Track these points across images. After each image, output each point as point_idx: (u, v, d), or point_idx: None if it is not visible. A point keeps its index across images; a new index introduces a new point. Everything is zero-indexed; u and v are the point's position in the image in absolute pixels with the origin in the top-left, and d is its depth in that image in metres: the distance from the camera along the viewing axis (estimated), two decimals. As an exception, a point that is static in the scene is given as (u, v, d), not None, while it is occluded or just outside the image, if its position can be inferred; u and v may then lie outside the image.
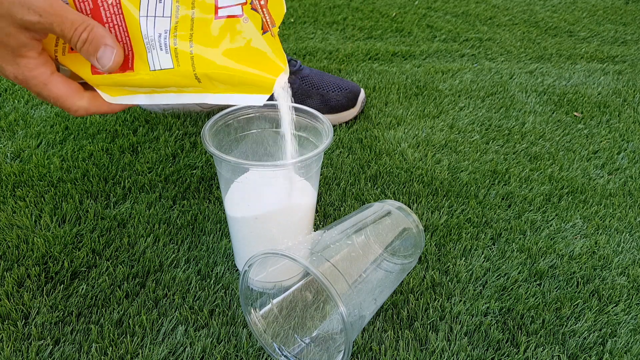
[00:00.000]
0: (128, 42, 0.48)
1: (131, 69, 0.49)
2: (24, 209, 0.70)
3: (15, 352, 0.52)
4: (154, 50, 0.48)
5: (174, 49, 0.48)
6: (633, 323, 0.57)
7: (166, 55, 0.48)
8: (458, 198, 0.75)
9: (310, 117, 0.59)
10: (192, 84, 0.50)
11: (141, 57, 0.49)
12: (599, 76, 1.13)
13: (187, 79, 0.50)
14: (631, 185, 0.79)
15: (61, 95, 0.48)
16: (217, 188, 0.75)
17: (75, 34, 0.45)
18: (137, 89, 0.51)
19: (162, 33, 0.48)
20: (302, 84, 0.90)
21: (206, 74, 0.49)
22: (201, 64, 0.49)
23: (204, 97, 0.51)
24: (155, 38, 0.48)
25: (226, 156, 0.52)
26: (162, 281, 0.60)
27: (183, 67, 0.49)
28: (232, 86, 0.51)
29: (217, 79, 0.50)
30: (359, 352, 0.54)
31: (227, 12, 0.49)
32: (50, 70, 0.48)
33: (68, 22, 0.45)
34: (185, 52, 0.48)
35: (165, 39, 0.48)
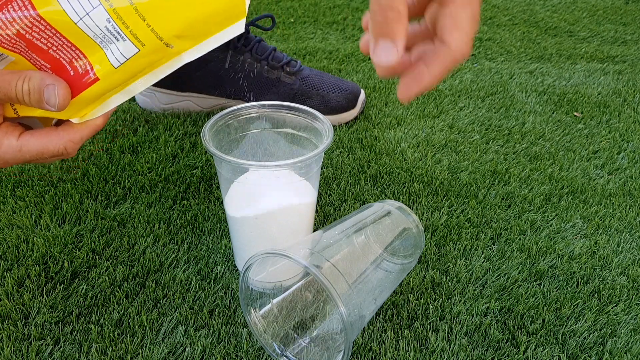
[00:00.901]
0: (80, 54, 0.45)
1: (95, 80, 0.46)
2: (24, 209, 0.70)
3: (15, 352, 0.52)
4: (112, 45, 0.45)
5: (128, 31, 0.44)
6: (633, 323, 0.57)
7: (125, 42, 0.45)
8: (458, 198, 0.75)
9: (310, 117, 0.59)
10: (164, 54, 0.47)
11: (101, 61, 0.45)
12: (599, 76, 1.13)
13: (158, 52, 0.46)
14: (631, 185, 0.79)
15: (40, 149, 0.46)
16: (217, 188, 0.75)
17: (18, 90, 0.43)
18: (111, 93, 0.48)
19: (106, 24, 0.44)
20: (302, 85, 0.90)
21: (175, 35, 0.45)
22: (164, 29, 0.45)
23: (180, 59, 0.48)
24: (104, 32, 0.44)
25: (226, 156, 0.52)
26: (162, 281, 0.60)
27: (149, 44, 0.45)
28: (204, 33, 0.47)
29: (187, 33, 0.46)
30: (359, 352, 0.54)
31: None
32: (15, 136, 0.46)
33: (5, 83, 0.43)
34: (142, 27, 0.44)
35: (114, 27, 0.44)
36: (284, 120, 0.61)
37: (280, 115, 0.60)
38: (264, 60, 0.89)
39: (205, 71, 0.90)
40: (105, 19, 0.43)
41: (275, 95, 0.90)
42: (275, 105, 0.60)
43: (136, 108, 0.94)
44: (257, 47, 0.90)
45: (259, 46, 0.90)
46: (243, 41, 0.89)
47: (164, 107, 0.93)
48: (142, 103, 0.94)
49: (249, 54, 0.89)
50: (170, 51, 0.47)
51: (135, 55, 0.45)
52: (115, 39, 0.44)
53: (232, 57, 0.89)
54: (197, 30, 0.46)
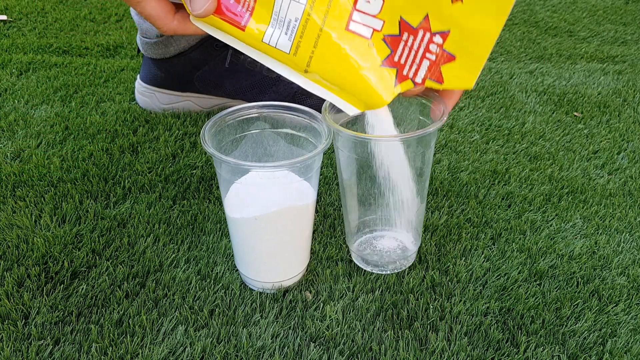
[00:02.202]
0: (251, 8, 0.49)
1: (241, 28, 0.50)
2: (24, 209, 0.70)
3: (15, 352, 0.52)
4: (277, 30, 0.49)
5: (297, 41, 0.49)
6: (633, 323, 0.57)
7: (288, 41, 0.49)
8: (458, 198, 0.75)
9: (309, 117, 0.59)
10: (296, 69, 0.52)
11: (259, 28, 0.49)
12: (599, 76, 1.13)
13: (295, 66, 0.51)
14: (631, 185, 0.79)
15: (153, 15, 0.50)
16: (217, 188, 0.75)
17: None
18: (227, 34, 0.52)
19: (292, 18, 0.49)
20: (302, 84, 0.90)
21: (316, 73, 0.51)
22: (317, 65, 0.50)
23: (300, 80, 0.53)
24: (285, 21, 0.49)
25: (226, 157, 0.52)
26: (162, 281, 0.60)
27: (298, 59, 0.50)
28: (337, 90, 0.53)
29: (327, 80, 0.52)
30: (359, 352, 0.54)
31: (357, 29, 0.51)
32: None
33: None
34: (307, 50, 0.50)
35: (294, 28, 0.49)
36: (283, 121, 0.61)
37: (279, 116, 0.60)
38: (264, 60, 0.89)
39: (205, 71, 0.90)
40: (295, 15, 0.49)
41: (275, 94, 0.90)
42: (274, 105, 0.60)
43: (136, 108, 0.94)
44: (257, 47, 0.90)
45: (259, 46, 0.90)
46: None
47: (164, 107, 0.93)
48: (142, 103, 0.94)
49: (249, 54, 0.89)
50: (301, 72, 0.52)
51: (281, 52, 0.51)
52: (284, 31, 0.49)
53: (232, 57, 0.89)
54: (335, 84, 0.52)
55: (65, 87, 1.00)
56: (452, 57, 0.51)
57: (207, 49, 0.89)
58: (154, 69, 0.91)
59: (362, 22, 0.51)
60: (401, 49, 0.51)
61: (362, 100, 0.53)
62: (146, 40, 0.88)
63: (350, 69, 0.51)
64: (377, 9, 0.50)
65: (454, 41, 0.50)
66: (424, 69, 0.52)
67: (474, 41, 0.50)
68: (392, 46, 0.51)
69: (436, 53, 0.51)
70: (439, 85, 0.52)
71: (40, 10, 1.36)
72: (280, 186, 0.55)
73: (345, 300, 0.59)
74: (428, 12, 0.50)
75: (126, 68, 1.08)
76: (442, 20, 0.50)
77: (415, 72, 0.52)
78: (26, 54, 1.13)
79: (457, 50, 0.51)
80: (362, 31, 0.51)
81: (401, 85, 0.53)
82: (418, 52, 0.51)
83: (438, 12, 0.49)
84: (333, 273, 0.62)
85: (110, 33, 1.25)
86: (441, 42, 0.50)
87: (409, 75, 0.52)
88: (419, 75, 0.52)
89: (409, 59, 0.52)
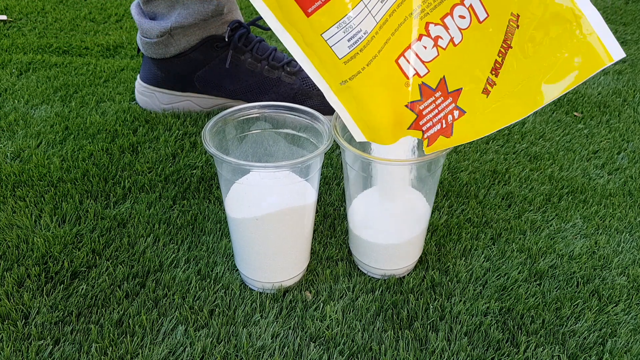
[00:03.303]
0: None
1: (306, 13, 0.50)
2: (24, 209, 0.70)
3: (15, 352, 0.52)
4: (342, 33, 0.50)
5: (356, 52, 0.51)
6: (633, 323, 0.57)
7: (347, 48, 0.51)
8: (458, 198, 0.75)
9: (310, 117, 0.59)
10: (331, 77, 0.53)
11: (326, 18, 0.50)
12: (599, 76, 1.13)
13: (334, 73, 0.52)
14: (631, 185, 0.79)
15: None
16: (217, 188, 0.75)
17: None
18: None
19: (361, 31, 0.50)
20: (302, 85, 0.90)
21: (355, 88, 0.52)
22: (361, 82, 0.52)
23: (324, 87, 0.54)
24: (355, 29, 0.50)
25: (226, 157, 0.52)
26: (162, 281, 0.60)
27: (346, 68, 0.51)
28: (353, 109, 0.54)
29: (358, 97, 0.53)
30: (359, 352, 0.54)
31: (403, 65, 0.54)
32: None
33: None
34: (360, 64, 0.51)
35: (359, 39, 0.51)
36: (284, 121, 0.61)
37: (280, 116, 0.60)
38: (265, 60, 0.89)
39: (206, 71, 0.90)
40: (366, 28, 0.50)
41: (276, 95, 0.90)
42: (275, 105, 0.60)
43: (136, 108, 0.94)
44: (257, 47, 0.90)
45: (260, 46, 0.90)
46: (244, 41, 0.89)
47: (164, 107, 0.93)
48: (142, 103, 0.94)
49: (250, 54, 0.89)
50: (339, 80, 0.53)
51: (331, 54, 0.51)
52: (348, 37, 0.50)
53: (233, 57, 0.89)
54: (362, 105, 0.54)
55: (65, 87, 1.00)
56: (450, 134, 0.54)
57: (207, 50, 0.89)
58: (154, 68, 0.91)
59: (411, 61, 0.53)
60: (429, 102, 0.54)
61: (373, 130, 0.55)
62: (146, 40, 0.88)
63: (385, 95, 0.54)
64: (429, 58, 0.53)
65: (461, 122, 0.53)
66: (434, 130, 0.54)
67: (472, 127, 0.53)
68: (423, 95, 0.54)
69: (448, 123, 0.53)
70: (425, 146, 0.55)
71: (40, 10, 1.36)
72: (281, 187, 0.55)
73: (345, 300, 0.59)
74: (464, 86, 0.52)
75: (126, 68, 1.08)
76: (468, 100, 0.52)
77: (428, 129, 0.55)
78: (26, 54, 1.13)
79: (457, 130, 0.53)
80: (406, 69, 0.54)
81: (413, 132, 0.55)
82: (440, 113, 0.54)
83: (470, 92, 0.52)
84: (333, 273, 0.62)
85: (110, 33, 1.25)
86: (457, 117, 0.53)
87: (422, 128, 0.55)
88: (428, 132, 0.55)
89: (430, 114, 0.54)
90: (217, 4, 0.86)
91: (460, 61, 0.52)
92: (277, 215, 0.55)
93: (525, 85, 0.49)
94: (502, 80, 0.50)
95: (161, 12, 0.88)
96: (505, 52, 0.50)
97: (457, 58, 0.52)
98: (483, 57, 0.51)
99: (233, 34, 0.88)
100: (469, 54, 0.52)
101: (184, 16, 0.86)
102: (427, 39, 0.53)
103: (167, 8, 0.87)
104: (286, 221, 0.56)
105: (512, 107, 0.50)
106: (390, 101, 0.54)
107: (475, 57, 0.51)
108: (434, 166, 0.57)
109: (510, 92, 0.50)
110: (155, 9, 0.88)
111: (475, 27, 0.51)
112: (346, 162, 0.58)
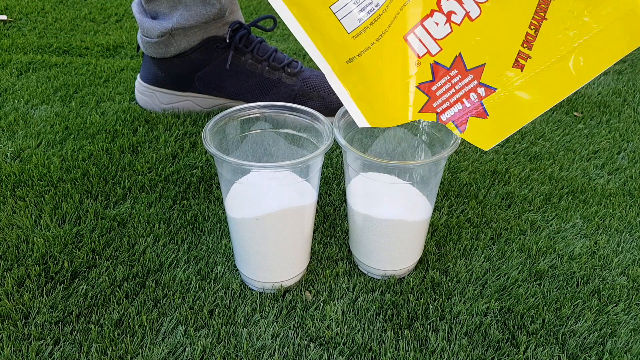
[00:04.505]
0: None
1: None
2: (24, 209, 0.70)
3: (15, 352, 0.52)
4: (353, 4, 0.49)
5: (365, 26, 0.49)
6: (633, 323, 0.57)
7: (357, 21, 0.50)
8: (458, 198, 0.75)
9: (310, 117, 0.59)
10: (337, 56, 0.51)
11: None
12: (599, 76, 1.13)
13: (342, 51, 0.50)
14: (631, 185, 0.79)
15: None
16: (217, 188, 0.75)
17: None
18: None
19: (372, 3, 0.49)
20: (303, 86, 0.90)
21: (364, 65, 0.50)
22: (369, 58, 0.50)
23: (327, 69, 0.52)
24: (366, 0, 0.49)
25: (227, 157, 0.52)
26: (162, 281, 0.60)
27: (355, 43, 0.50)
28: (359, 90, 0.52)
29: (365, 75, 0.50)
30: (359, 352, 0.54)
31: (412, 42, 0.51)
32: None
33: None
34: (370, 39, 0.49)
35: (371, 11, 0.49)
36: (284, 121, 0.61)
37: (280, 116, 0.60)
38: (265, 61, 0.89)
39: (206, 71, 0.90)
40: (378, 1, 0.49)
41: (276, 96, 0.90)
42: (275, 105, 0.60)
43: (136, 108, 0.94)
44: (258, 48, 0.90)
45: (260, 47, 0.90)
46: (244, 42, 0.89)
47: (164, 107, 0.93)
48: (142, 103, 0.94)
49: (250, 55, 0.89)
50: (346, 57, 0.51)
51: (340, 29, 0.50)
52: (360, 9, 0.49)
53: (234, 58, 0.89)
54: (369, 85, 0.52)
55: (65, 87, 1.00)
56: (485, 114, 0.50)
57: (208, 50, 0.88)
58: (155, 68, 0.91)
59: (421, 38, 0.51)
60: (443, 82, 0.51)
61: (378, 113, 0.52)
62: (147, 40, 0.88)
63: (393, 75, 0.51)
64: (442, 35, 0.50)
65: (495, 100, 0.50)
66: (453, 111, 0.51)
67: (514, 110, 0.49)
68: (435, 75, 0.51)
69: (473, 102, 0.50)
70: (458, 132, 0.52)
71: (40, 10, 1.36)
72: (282, 187, 0.55)
73: (345, 300, 0.59)
74: (487, 62, 0.50)
75: (126, 68, 1.08)
76: (495, 76, 0.49)
77: (444, 110, 0.52)
78: (26, 54, 1.13)
79: (493, 110, 0.50)
80: (416, 46, 0.51)
81: (425, 114, 0.52)
82: (457, 93, 0.51)
83: (496, 67, 0.49)
84: (333, 273, 0.62)
85: (110, 33, 1.25)
86: (484, 95, 0.50)
87: (437, 110, 0.52)
88: (446, 114, 0.52)
89: (445, 95, 0.51)
90: (220, 7, 0.86)
91: (480, 36, 0.49)
92: (277, 215, 0.55)
93: (566, 58, 0.47)
94: (537, 53, 0.48)
95: (163, 11, 0.88)
96: (539, 23, 0.47)
97: (475, 33, 0.50)
98: (509, 31, 0.48)
99: (234, 35, 0.88)
100: (490, 28, 0.49)
101: (186, 18, 0.86)
102: (439, 14, 0.50)
103: (169, 8, 0.87)
104: (286, 221, 0.56)
105: (558, 80, 0.47)
106: (400, 81, 0.51)
107: (499, 31, 0.49)
108: (435, 167, 0.57)
109: (550, 65, 0.47)
110: (157, 7, 0.88)
111: (496, 0, 0.48)
112: (347, 163, 0.58)
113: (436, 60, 0.51)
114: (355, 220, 0.60)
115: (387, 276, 0.61)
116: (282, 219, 0.56)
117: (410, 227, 0.59)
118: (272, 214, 0.55)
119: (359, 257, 0.62)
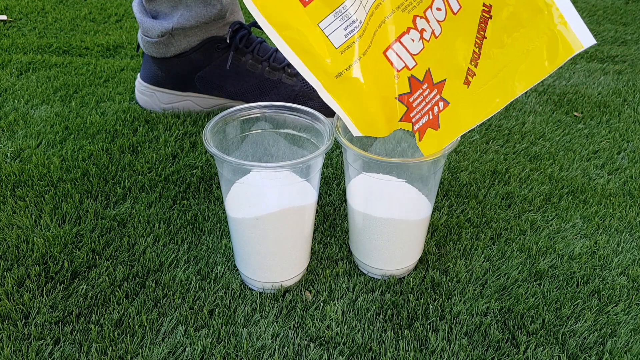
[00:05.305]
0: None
1: (303, 2, 0.52)
2: (24, 209, 0.70)
3: (15, 352, 0.52)
4: (339, 22, 0.52)
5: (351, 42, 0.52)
6: (633, 323, 0.57)
7: (343, 37, 0.53)
8: (458, 198, 0.75)
9: (310, 117, 0.59)
10: (326, 71, 0.54)
11: (324, 6, 0.52)
12: (599, 76, 1.13)
13: (331, 66, 0.53)
14: (631, 185, 0.79)
15: None
16: (217, 188, 0.75)
17: None
18: None
19: (356, 21, 0.52)
20: (303, 87, 0.90)
21: (352, 80, 0.54)
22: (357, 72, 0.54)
23: (317, 84, 0.55)
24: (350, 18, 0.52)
25: (227, 157, 0.52)
26: (162, 281, 0.60)
27: (342, 58, 0.53)
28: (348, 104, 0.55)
29: (353, 90, 0.54)
30: (359, 352, 0.54)
31: (391, 57, 0.55)
32: None
33: None
34: (355, 54, 0.53)
35: (355, 28, 0.52)
36: (284, 121, 0.61)
37: (281, 116, 0.60)
38: (265, 62, 0.89)
39: (206, 72, 0.90)
40: (360, 18, 0.52)
41: (276, 96, 0.90)
42: (276, 105, 0.60)
43: (136, 108, 0.94)
44: (258, 49, 0.90)
45: (261, 47, 0.90)
46: (245, 42, 0.89)
47: (164, 107, 0.93)
48: (142, 103, 0.94)
49: (251, 55, 0.89)
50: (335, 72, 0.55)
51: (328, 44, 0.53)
52: (344, 26, 0.53)
53: (234, 58, 0.89)
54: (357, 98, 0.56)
55: (65, 87, 1.00)
56: (437, 125, 0.54)
57: (208, 51, 0.88)
58: (155, 68, 0.91)
59: (399, 54, 0.55)
60: (417, 94, 0.55)
61: (368, 123, 0.56)
62: (147, 39, 0.88)
63: (379, 87, 0.55)
64: (417, 50, 0.54)
65: (446, 114, 0.53)
66: (422, 122, 0.55)
67: (453, 123, 0.53)
68: (413, 87, 0.55)
69: (434, 114, 0.54)
70: (418, 141, 0.56)
71: (40, 10, 1.36)
72: (282, 187, 0.55)
73: (345, 300, 0.59)
74: (447, 77, 0.53)
75: (126, 68, 1.08)
76: (451, 91, 0.53)
77: (417, 120, 0.56)
78: (26, 54, 1.13)
79: (443, 122, 0.53)
80: (395, 61, 0.55)
81: (404, 124, 0.57)
82: (427, 105, 0.54)
83: (452, 83, 0.53)
84: (333, 273, 0.62)
85: (110, 33, 1.25)
86: (442, 108, 0.54)
87: (412, 119, 0.56)
88: (418, 124, 0.56)
89: (419, 106, 0.55)
90: (221, 8, 0.86)
91: (442, 53, 0.53)
92: (277, 215, 0.55)
93: (502, 75, 0.49)
94: (481, 70, 0.50)
95: (163, 11, 0.88)
96: (481, 42, 0.50)
97: (438, 50, 0.53)
98: (462, 48, 0.51)
99: (234, 35, 0.88)
100: (448, 45, 0.52)
101: (186, 18, 0.86)
102: (414, 31, 0.54)
103: (170, 7, 0.87)
104: (286, 221, 0.56)
105: (491, 97, 0.50)
106: (383, 93, 0.55)
107: (455, 49, 0.52)
108: (434, 166, 0.57)
109: (489, 82, 0.50)
110: (157, 7, 0.88)
111: (450, 19, 0.51)
112: (348, 162, 0.58)
113: (412, 74, 0.55)
114: (355, 220, 0.60)
115: (387, 276, 0.61)
116: (282, 219, 0.56)
117: (410, 226, 0.59)
118: (272, 214, 0.55)
119: (359, 257, 0.62)
